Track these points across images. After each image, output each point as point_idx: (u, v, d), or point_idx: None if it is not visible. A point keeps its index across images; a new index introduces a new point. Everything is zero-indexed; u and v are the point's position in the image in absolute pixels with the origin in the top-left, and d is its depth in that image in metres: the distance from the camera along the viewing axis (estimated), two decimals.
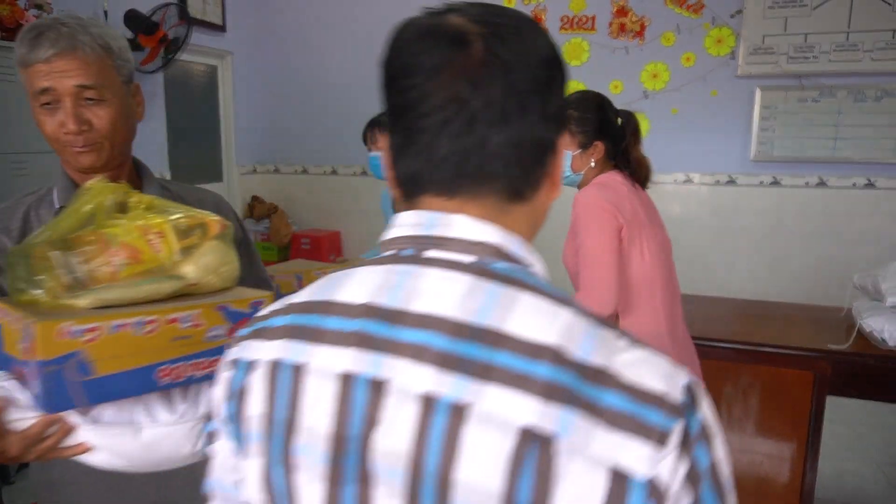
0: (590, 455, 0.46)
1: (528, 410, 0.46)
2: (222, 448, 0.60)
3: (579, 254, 1.61)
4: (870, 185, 3.92)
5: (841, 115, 3.88)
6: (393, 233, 0.58)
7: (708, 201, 4.25)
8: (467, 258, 0.54)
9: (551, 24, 4.35)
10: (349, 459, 0.51)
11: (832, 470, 2.86)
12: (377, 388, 0.50)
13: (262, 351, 0.56)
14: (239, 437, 0.57)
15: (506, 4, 3.56)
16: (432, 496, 0.48)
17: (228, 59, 4.83)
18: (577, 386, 0.47)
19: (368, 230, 5.12)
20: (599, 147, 1.72)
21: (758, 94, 3.99)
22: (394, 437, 0.49)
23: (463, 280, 0.52)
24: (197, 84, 4.67)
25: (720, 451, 0.51)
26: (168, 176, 4.18)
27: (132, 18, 3.50)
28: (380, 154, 2.34)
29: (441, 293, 0.52)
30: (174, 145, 4.30)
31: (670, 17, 4.12)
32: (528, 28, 0.57)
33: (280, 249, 4.93)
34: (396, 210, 0.61)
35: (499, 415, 0.47)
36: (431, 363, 0.49)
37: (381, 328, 0.52)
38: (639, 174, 1.78)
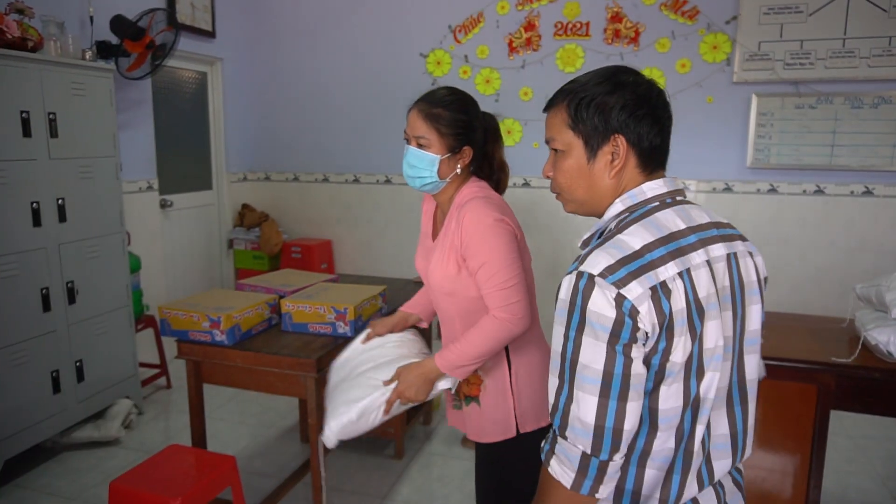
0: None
1: (746, 247, 1.07)
2: (636, 352, 0.90)
3: (479, 273, 1.49)
4: (868, 192, 3.88)
5: (838, 121, 3.84)
6: (652, 191, 1.03)
7: (708, 209, 4.19)
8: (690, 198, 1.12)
9: (545, 30, 4.31)
10: (725, 297, 0.99)
11: (836, 484, 2.80)
12: (714, 261, 0.98)
13: (667, 272, 0.92)
14: (665, 326, 0.90)
15: (499, 11, 3.48)
16: (741, 295, 1.02)
17: (218, 65, 4.76)
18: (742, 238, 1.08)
19: (360, 239, 5.05)
20: (467, 152, 1.59)
21: (754, 101, 3.96)
22: (727, 279, 1.00)
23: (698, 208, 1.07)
24: (186, 91, 4.60)
25: None
26: (156, 185, 4.11)
27: (118, 24, 3.43)
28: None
29: (699, 214, 1.04)
30: (163, 153, 4.22)
31: (665, 24, 4.08)
32: None
33: (271, 258, 4.85)
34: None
35: (743, 252, 1.05)
36: (721, 241, 1.02)
37: (699, 235, 0.99)
38: (501, 181, 1.70)
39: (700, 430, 0.96)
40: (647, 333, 0.89)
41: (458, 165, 1.58)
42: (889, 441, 3.23)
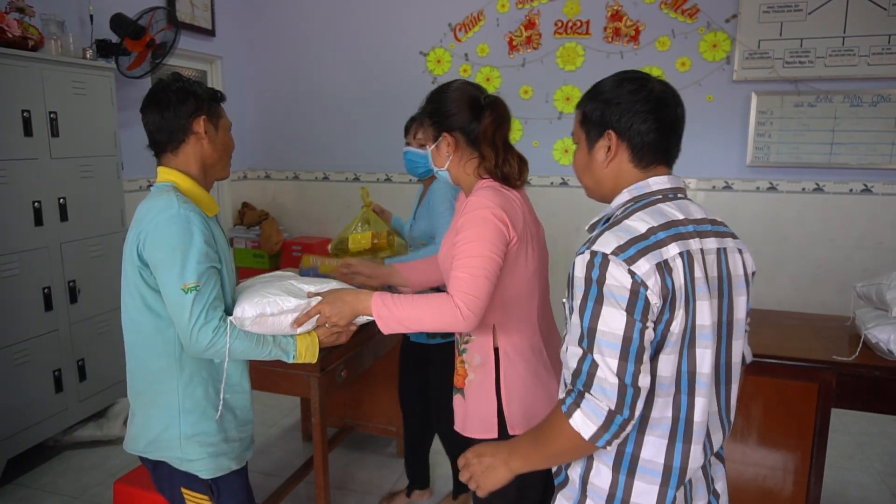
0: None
1: (736, 244, 1.15)
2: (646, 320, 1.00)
3: (456, 252, 1.44)
4: (867, 190, 3.90)
5: (837, 120, 3.85)
6: (657, 185, 1.13)
7: (704, 207, 4.21)
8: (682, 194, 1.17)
9: (545, 29, 4.31)
10: (713, 286, 1.07)
11: (835, 481, 2.81)
12: (707, 252, 1.08)
13: (669, 252, 1.02)
14: (668, 299, 1.01)
15: (499, 9, 3.48)
16: (728, 286, 1.11)
17: (218, 63, 4.76)
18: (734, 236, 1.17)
19: None
20: (448, 138, 1.55)
21: (754, 99, 3.96)
22: (716, 270, 1.09)
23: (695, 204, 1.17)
24: None
25: None
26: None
27: (118, 22, 3.43)
28: (419, 149, 2.31)
29: (697, 210, 1.14)
30: None
31: (665, 22, 4.09)
32: None
33: (271, 257, 4.85)
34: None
35: (732, 248, 1.13)
36: (713, 236, 1.11)
37: (696, 227, 1.09)
38: (508, 173, 1.55)
39: (700, 403, 1.06)
40: (655, 305, 1.00)
41: (448, 152, 1.58)
42: (888, 438, 3.25)
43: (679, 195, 1.15)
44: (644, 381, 0.99)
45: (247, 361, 1.56)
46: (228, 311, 1.46)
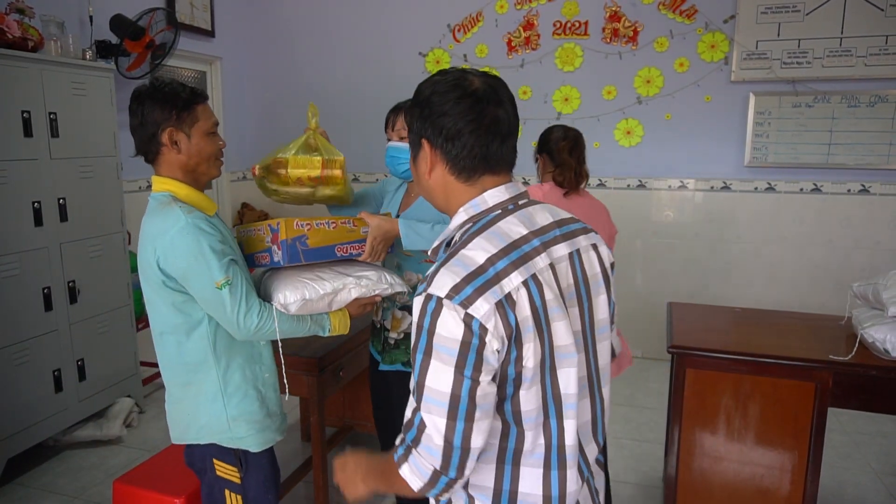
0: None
1: (588, 240, 1.10)
2: (493, 352, 0.92)
3: None
4: (864, 190, 3.91)
5: (835, 120, 3.86)
6: (494, 199, 1.03)
7: (702, 207, 4.22)
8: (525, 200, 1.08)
9: (544, 29, 4.32)
10: (570, 296, 1.02)
11: (832, 480, 2.82)
12: (557, 262, 1.01)
13: (511, 283, 0.93)
14: (515, 331, 0.92)
15: (498, 10, 3.50)
16: (585, 289, 1.06)
17: (217, 64, 4.76)
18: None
19: None
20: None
21: (752, 100, 3.97)
22: (571, 276, 1.03)
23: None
24: None
25: None
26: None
27: (118, 23, 3.43)
28: (398, 144, 1.95)
29: (542, 216, 1.06)
30: None
31: (663, 23, 4.10)
32: None
33: None
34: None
35: (586, 247, 1.08)
36: (563, 241, 1.04)
37: (541, 238, 1.01)
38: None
39: (570, 426, 1.00)
40: (496, 350, 0.91)
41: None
42: (885, 437, 3.26)
43: (521, 202, 1.04)
44: (477, 440, 0.92)
45: (267, 342, 1.68)
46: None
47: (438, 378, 0.91)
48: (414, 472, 0.96)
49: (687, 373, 2.23)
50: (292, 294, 1.53)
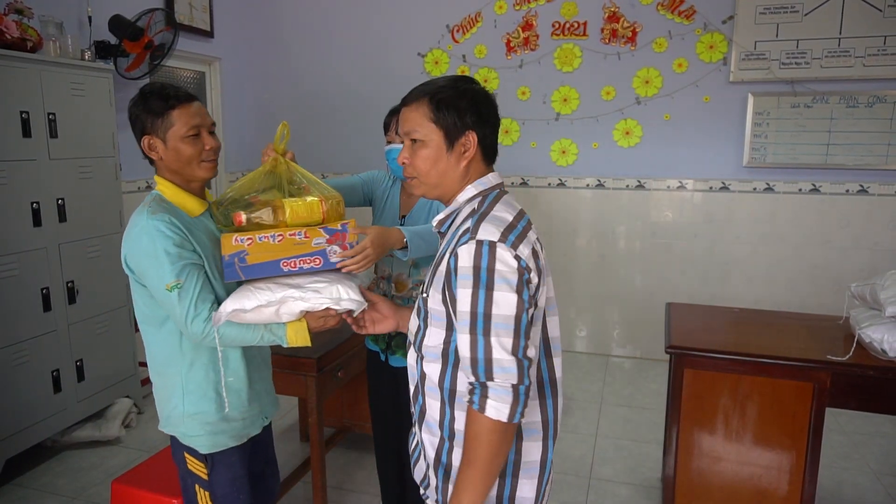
0: None
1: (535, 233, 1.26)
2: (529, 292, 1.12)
3: None
4: (863, 191, 3.91)
5: (833, 120, 3.87)
6: (495, 180, 1.25)
7: (701, 208, 4.23)
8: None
9: (542, 30, 4.33)
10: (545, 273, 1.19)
11: (830, 480, 2.83)
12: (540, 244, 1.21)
13: (531, 237, 1.16)
14: (541, 277, 1.15)
15: (497, 10, 3.50)
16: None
17: (216, 65, 4.76)
18: None
19: None
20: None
21: (750, 100, 3.98)
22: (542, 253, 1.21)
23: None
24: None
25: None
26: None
27: (117, 24, 3.43)
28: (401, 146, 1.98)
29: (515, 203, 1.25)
30: None
31: (662, 23, 4.10)
32: None
33: None
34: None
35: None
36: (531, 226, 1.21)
37: (525, 218, 1.21)
38: None
39: (558, 362, 1.24)
40: (536, 285, 1.13)
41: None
42: (883, 437, 3.27)
43: (504, 189, 1.28)
44: (531, 352, 1.09)
45: (248, 347, 1.64)
46: (220, 302, 1.52)
47: (501, 304, 1.07)
48: (499, 401, 1.06)
49: (685, 373, 2.23)
50: (231, 303, 1.46)
